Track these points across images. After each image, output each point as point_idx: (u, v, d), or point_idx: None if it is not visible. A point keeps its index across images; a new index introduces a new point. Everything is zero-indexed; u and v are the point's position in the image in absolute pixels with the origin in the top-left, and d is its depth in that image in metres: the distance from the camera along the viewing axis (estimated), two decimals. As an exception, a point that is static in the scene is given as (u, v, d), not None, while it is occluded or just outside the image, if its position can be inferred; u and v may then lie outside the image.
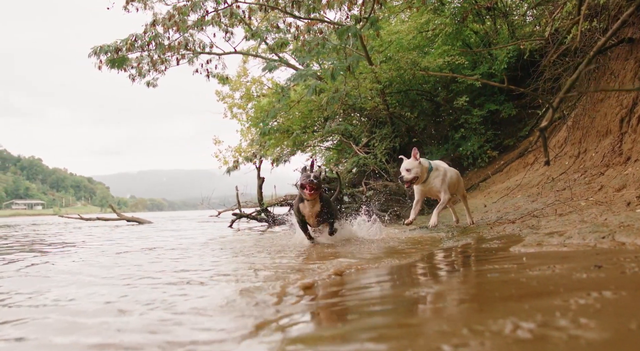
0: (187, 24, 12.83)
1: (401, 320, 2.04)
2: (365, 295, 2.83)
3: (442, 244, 5.26)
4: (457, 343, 1.52)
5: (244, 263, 4.75)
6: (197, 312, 2.62)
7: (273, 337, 2.02)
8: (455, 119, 13.07)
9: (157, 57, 13.73)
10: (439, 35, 13.14)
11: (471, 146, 12.44)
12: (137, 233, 11.69)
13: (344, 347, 1.71)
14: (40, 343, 2.22)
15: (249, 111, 20.26)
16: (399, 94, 14.10)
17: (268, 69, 14.80)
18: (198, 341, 2.06)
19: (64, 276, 4.31)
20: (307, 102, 14.19)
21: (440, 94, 13.49)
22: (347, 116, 15.05)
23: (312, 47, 11.97)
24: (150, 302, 2.93)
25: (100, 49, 12.83)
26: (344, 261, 4.26)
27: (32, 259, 6.06)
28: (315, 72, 13.98)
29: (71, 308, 2.90)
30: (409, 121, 14.19)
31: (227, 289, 3.34)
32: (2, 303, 3.20)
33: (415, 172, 6.50)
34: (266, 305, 2.74)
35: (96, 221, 19.90)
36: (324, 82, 13.06)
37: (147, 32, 12.91)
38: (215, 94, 20.82)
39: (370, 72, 12.65)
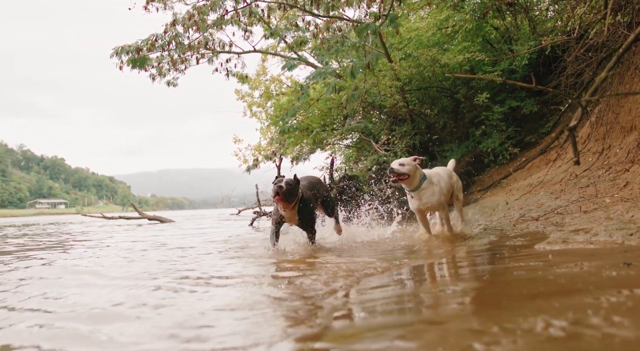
0: (207, 23, 12.88)
1: (429, 318, 2.03)
2: (391, 293, 2.82)
3: (465, 243, 5.22)
4: (489, 341, 1.51)
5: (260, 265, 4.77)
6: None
7: (302, 336, 2.01)
8: (475, 116, 12.95)
9: (177, 56, 13.81)
10: (459, 31, 13.03)
11: (492, 143, 12.32)
12: (159, 232, 11.80)
13: (374, 345, 1.70)
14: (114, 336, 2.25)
15: (269, 110, 20.30)
16: (419, 91, 14.01)
17: (287, 68, 14.81)
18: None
19: (93, 275, 4.37)
20: (327, 100, 14.17)
21: (461, 91, 13.36)
22: (366, 114, 15.01)
23: (331, 45, 11.94)
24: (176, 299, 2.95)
25: (121, 49, 12.95)
26: (368, 260, 4.25)
27: (66, 258, 6.15)
28: (334, 70, 13.95)
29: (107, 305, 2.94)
30: (429, 118, 14.10)
31: (250, 289, 3.36)
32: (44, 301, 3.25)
33: (408, 169, 6.15)
34: (294, 304, 2.74)
35: (119, 220, 20.11)
36: (343, 80, 13.03)
37: (167, 31, 12.99)
38: (235, 93, 20.88)
39: (389, 69, 12.59)
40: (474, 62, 12.59)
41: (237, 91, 20.97)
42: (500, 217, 7.16)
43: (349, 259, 4.40)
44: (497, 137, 12.30)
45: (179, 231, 11.38)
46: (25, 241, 10.59)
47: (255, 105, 20.94)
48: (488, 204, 9.40)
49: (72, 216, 51.01)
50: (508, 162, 12.24)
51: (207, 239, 8.24)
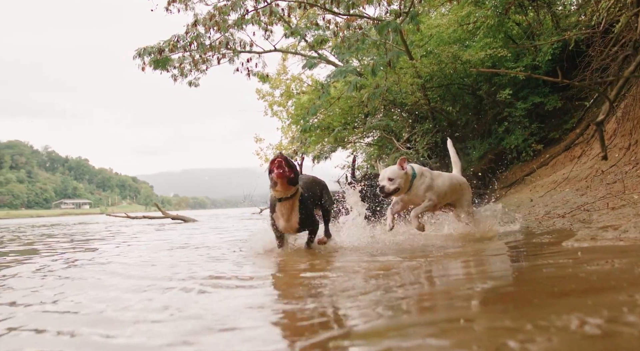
0: (228, 23, 12.96)
1: (461, 315, 2.01)
2: (420, 290, 2.81)
3: (491, 240, 5.17)
4: (523, 338, 1.49)
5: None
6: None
7: (333, 332, 2.01)
8: (498, 113, 12.84)
9: (198, 57, 13.93)
10: (481, 28, 12.92)
11: (515, 140, 12.20)
12: (183, 231, 11.89)
13: (405, 342, 1.69)
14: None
15: (289, 109, 20.35)
16: (440, 88, 13.92)
17: (308, 66, 14.86)
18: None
19: (119, 276, 4.42)
20: (348, 98, 14.15)
21: (483, 88, 13.25)
22: (387, 112, 14.96)
23: (351, 44, 11.94)
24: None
25: (143, 50, 13.09)
26: (393, 259, 4.24)
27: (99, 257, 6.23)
28: (355, 68, 13.94)
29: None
30: (451, 116, 14.02)
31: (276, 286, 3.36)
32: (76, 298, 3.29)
33: (398, 183, 5.66)
34: (321, 300, 2.75)
35: (142, 220, 20.32)
36: (364, 78, 13.01)
37: (188, 32, 13.12)
38: (256, 92, 20.99)
39: (410, 67, 12.54)
40: (496, 59, 12.48)
41: (257, 90, 21.07)
42: (525, 214, 7.08)
43: (373, 258, 4.39)
44: (521, 134, 12.17)
45: (202, 230, 11.45)
46: (53, 239, 10.75)
47: (276, 104, 21.02)
48: (512, 201, 9.32)
49: (96, 216, 51.66)
50: (531, 159, 12.11)
51: (230, 238, 8.27)
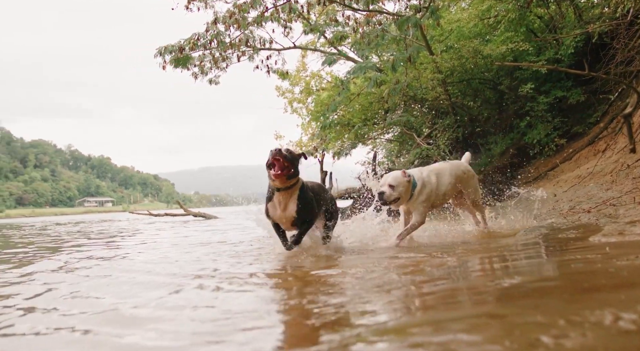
0: (247, 21, 13.00)
1: (490, 311, 2.00)
2: (446, 285, 2.79)
3: (516, 236, 5.12)
4: (557, 334, 1.48)
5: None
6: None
7: (361, 329, 2.01)
8: (520, 107, 12.69)
9: (218, 54, 13.98)
10: (502, 21, 12.78)
11: (537, 135, 12.07)
12: (204, 228, 11.98)
13: (436, 337, 1.69)
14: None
15: (309, 105, 20.35)
16: (461, 83, 13.82)
17: (327, 63, 14.83)
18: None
19: (145, 273, 4.47)
20: (367, 94, 14.11)
21: (504, 82, 13.11)
22: (408, 108, 14.88)
23: (371, 39, 11.90)
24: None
25: (164, 49, 13.19)
26: (420, 256, 4.23)
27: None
28: (374, 64, 13.89)
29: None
30: (472, 111, 13.90)
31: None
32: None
33: (399, 192, 5.42)
34: (350, 294, 2.76)
35: (164, 217, 20.51)
36: (384, 74, 12.96)
37: (209, 30, 13.18)
38: (275, 90, 21.02)
39: (431, 62, 12.46)
40: (518, 53, 12.34)
41: (277, 88, 21.10)
42: (550, 209, 7.00)
43: (401, 255, 4.38)
44: (543, 129, 12.03)
45: (224, 227, 11.53)
46: (78, 237, 10.90)
47: (295, 101, 21.03)
48: (534, 197, 9.22)
49: (119, 214, 52.25)
50: (554, 154, 11.96)
51: (251, 235, 8.31)
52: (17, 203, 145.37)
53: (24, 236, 12.75)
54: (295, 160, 4.71)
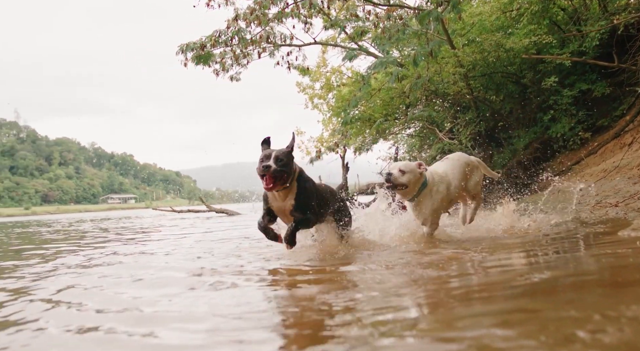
0: (268, 17, 13.03)
1: (523, 306, 1.99)
2: (476, 280, 2.78)
3: (543, 230, 5.05)
4: (593, 329, 1.46)
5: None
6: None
7: (395, 323, 2.01)
8: (543, 101, 12.54)
9: (239, 51, 14.04)
10: (524, 14, 12.62)
11: (561, 128, 11.91)
12: (227, 224, 12.07)
13: (469, 332, 1.68)
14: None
15: (330, 101, 20.35)
16: (483, 77, 13.69)
17: (348, 58, 14.82)
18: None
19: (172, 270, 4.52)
20: (389, 89, 14.06)
21: (527, 76, 12.95)
22: (429, 102, 14.79)
23: (392, 34, 11.86)
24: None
25: (186, 46, 13.29)
26: (450, 250, 4.21)
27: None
28: (395, 59, 13.83)
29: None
30: (494, 105, 13.76)
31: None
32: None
33: (407, 179, 5.17)
34: (378, 289, 2.76)
35: (187, 213, 20.69)
36: (405, 69, 12.90)
37: (230, 27, 13.25)
38: (296, 86, 21.07)
39: (452, 56, 12.36)
40: (541, 46, 12.19)
41: (298, 84, 21.15)
42: (575, 203, 6.92)
43: (427, 251, 4.37)
44: (567, 122, 11.87)
45: (246, 223, 11.60)
46: (102, 233, 11.06)
47: (316, 97, 21.06)
48: (558, 191, 9.11)
49: (142, 210, 52.71)
50: (579, 148, 11.80)
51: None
52: (42, 200, 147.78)
53: (51, 233, 12.98)
54: (286, 166, 4.37)
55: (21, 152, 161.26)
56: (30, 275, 4.50)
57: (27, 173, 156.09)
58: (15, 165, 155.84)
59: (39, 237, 11.25)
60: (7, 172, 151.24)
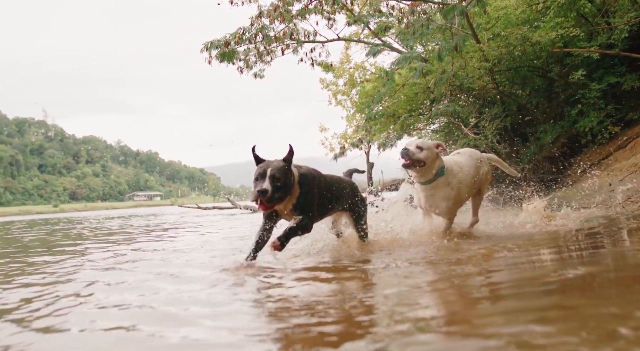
0: (291, 14, 13.05)
1: (559, 302, 1.97)
2: (510, 276, 2.76)
3: (574, 226, 4.98)
4: (635, 325, 1.44)
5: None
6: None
7: (431, 319, 2.00)
8: (571, 95, 12.35)
9: (263, 48, 14.08)
10: (551, 7, 12.43)
11: (589, 122, 11.72)
12: (253, 220, 12.14)
13: (507, 328, 1.67)
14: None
15: (353, 97, 20.32)
16: (509, 71, 13.54)
17: (371, 54, 14.78)
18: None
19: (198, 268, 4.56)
20: (413, 85, 13.99)
21: (554, 69, 12.77)
22: (454, 97, 14.68)
23: (416, 29, 11.79)
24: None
25: (210, 44, 13.38)
26: (484, 247, 4.18)
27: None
28: (419, 54, 13.75)
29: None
30: (520, 99, 13.61)
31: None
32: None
33: (425, 155, 4.93)
34: (411, 285, 2.76)
35: (212, 210, 20.84)
36: (429, 64, 12.82)
37: (253, 24, 13.30)
38: (319, 82, 21.08)
39: (477, 50, 12.24)
40: (568, 39, 11.99)
41: (321, 80, 21.17)
42: (605, 199, 6.80)
43: (460, 247, 4.35)
44: (595, 116, 11.68)
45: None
46: (130, 229, 11.22)
47: (340, 93, 21.05)
48: (587, 186, 8.98)
49: (168, 208, 53.22)
50: (608, 142, 11.60)
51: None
52: (70, 198, 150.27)
53: (80, 229, 13.20)
54: (284, 184, 4.03)
55: (49, 150, 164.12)
56: (58, 271, 4.59)
57: (56, 171, 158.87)
58: (44, 163, 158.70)
59: (70, 233, 11.45)
60: (36, 171, 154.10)
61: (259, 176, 4.02)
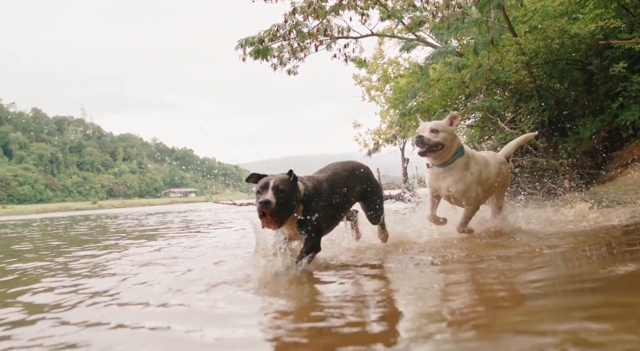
0: (325, 10, 13.06)
1: (611, 299, 1.93)
2: (556, 273, 2.72)
3: (618, 222, 4.86)
4: None
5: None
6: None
7: (480, 316, 1.98)
8: (611, 88, 12.06)
9: (297, 45, 14.12)
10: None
11: (631, 116, 11.42)
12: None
13: (561, 325, 1.64)
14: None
15: (387, 93, 20.23)
16: (546, 65, 13.29)
17: (405, 49, 14.67)
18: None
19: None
20: (447, 80, 13.85)
21: (594, 62, 12.48)
22: (489, 92, 14.48)
23: (451, 23, 11.67)
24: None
25: (245, 41, 13.47)
26: (526, 243, 4.13)
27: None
28: (454, 48, 13.60)
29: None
30: (558, 93, 13.35)
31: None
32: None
33: (443, 137, 4.62)
34: (455, 280, 2.74)
35: (248, 206, 20.98)
36: (465, 59, 12.68)
37: (287, 21, 13.35)
38: (353, 78, 21.06)
39: (514, 44, 12.05)
40: (608, 30, 11.71)
41: (355, 76, 21.14)
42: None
43: (504, 243, 4.30)
44: (637, 110, 11.38)
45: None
46: (168, 225, 11.40)
47: (373, 89, 20.97)
48: (630, 181, 8.78)
49: (203, 204, 53.71)
50: (650, 136, 11.32)
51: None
52: (108, 195, 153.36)
53: (119, 225, 13.47)
54: (289, 197, 3.76)
55: (88, 148, 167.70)
56: (99, 264, 4.70)
57: (94, 168, 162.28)
58: (82, 161, 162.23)
59: (109, 229, 11.70)
60: (76, 168, 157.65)
61: (261, 189, 3.78)
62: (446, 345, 1.68)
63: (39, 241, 9.01)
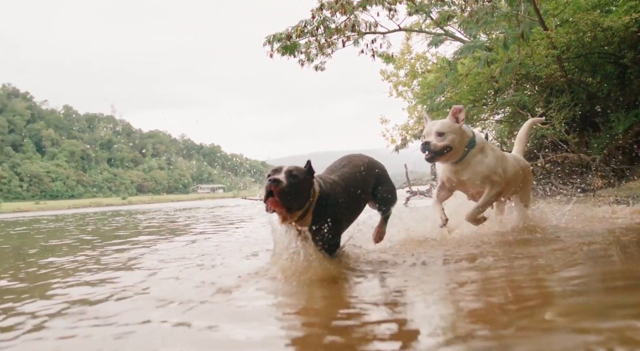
0: (352, 5, 13.02)
1: None
2: (591, 270, 2.68)
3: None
4: None
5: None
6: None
7: (518, 313, 1.97)
8: (645, 82, 11.82)
9: (324, 41, 14.10)
10: (624, -10, 11.91)
11: (666, 110, 11.18)
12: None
13: (604, 323, 1.62)
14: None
15: (415, 88, 20.10)
16: (578, 58, 13.06)
17: (433, 44, 14.57)
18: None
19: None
20: (476, 75, 13.71)
21: (627, 55, 12.21)
22: (519, 87, 14.29)
23: (480, 17, 11.53)
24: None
25: (273, 37, 13.51)
26: (560, 241, 4.08)
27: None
28: (483, 43, 13.45)
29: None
30: (590, 87, 13.11)
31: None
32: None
33: (450, 139, 4.35)
34: (492, 275, 2.72)
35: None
36: (494, 53, 12.54)
37: (314, 17, 13.34)
38: (380, 74, 20.94)
39: (544, 37, 11.86)
40: (643, 22, 11.46)
41: (382, 72, 21.02)
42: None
43: (522, 239, 4.26)
44: (673, 104, 11.13)
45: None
46: (199, 221, 11.52)
47: (401, 84, 20.84)
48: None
49: (231, 200, 54.00)
50: (686, 131, 11.04)
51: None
52: (137, 190, 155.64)
53: (150, 219, 13.67)
54: (302, 184, 3.37)
55: (117, 144, 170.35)
56: (129, 260, 4.78)
57: (123, 165, 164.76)
58: (112, 157, 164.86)
59: (140, 224, 11.88)
60: (106, 164, 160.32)
61: (273, 172, 3.42)
62: (487, 342, 1.67)
63: (71, 236, 9.19)
